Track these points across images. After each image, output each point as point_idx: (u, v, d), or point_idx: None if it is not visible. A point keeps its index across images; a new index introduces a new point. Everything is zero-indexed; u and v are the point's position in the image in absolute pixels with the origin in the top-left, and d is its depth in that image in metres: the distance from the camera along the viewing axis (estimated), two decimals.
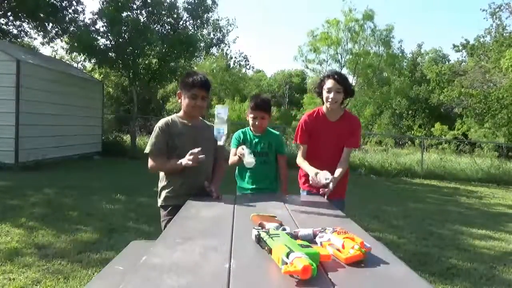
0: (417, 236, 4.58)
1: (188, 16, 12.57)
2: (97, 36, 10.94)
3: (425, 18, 69.43)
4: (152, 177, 2.34)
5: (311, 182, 2.18)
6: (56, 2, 13.57)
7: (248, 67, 22.33)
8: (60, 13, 13.68)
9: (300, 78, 38.21)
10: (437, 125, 23.96)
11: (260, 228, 1.42)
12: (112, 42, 11.08)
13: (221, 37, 16.07)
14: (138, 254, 1.31)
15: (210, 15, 13.42)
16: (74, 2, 13.95)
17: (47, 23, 14.36)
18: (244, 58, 20.89)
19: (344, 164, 2.40)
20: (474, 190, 9.24)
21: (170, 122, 2.22)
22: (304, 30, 41.71)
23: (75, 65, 18.70)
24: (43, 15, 13.47)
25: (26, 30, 15.35)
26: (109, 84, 19.16)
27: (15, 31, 15.01)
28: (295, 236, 1.31)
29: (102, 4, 11.04)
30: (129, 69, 11.39)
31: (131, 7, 11.17)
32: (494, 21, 15.56)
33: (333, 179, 2.11)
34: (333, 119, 2.46)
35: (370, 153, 13.17)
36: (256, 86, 31.95)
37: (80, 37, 10.38)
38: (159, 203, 2.26)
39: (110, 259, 2.33)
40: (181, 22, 12.45)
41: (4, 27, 14.42)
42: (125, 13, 10.97)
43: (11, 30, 14.86)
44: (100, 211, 4.78)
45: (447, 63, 26.66)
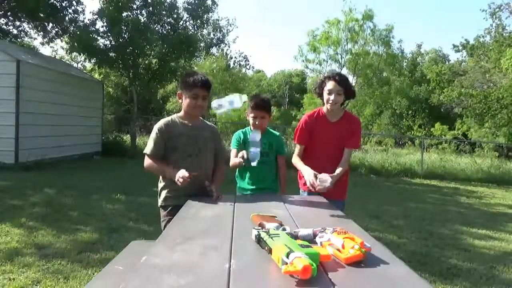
0: (417, 236, 4.58)
1: (188, 16, 12.58)
2: (97, 36, 10.95)
3: (425, 18, 69.48)
4: (152, 177, 2.34)
5: (310, 186, 2.09)
6: (56, 2, 13.59)
7: (248, 67, 22.41)
8: (60, 13, 13.70)
9: (300, 78, 38.19)
10: (437, 125, 23.94)
11: (260, 228, 1.43)
12: (112, 42, 11.09)
13: (221, 37, 16.13)
14: (138, 254, 1.31)
15: (210, 15, 13.47)
16: (74, 2, 13.97)
17: (47, 23, 14.38)
18: (244, 58, 20.96)
19: (345, 164, 2.39)
20: (474, 190, 9.24)
21: (170, 122, 2.23)
22: (304, 30, 41.70)
23: (75, 65, 18.69)
24: (43, 15, 13.48)
25: (26, 30, 15.39)
26: (109, 84, 19.14)
27: (15, 31, 15.03)
28: (295, 236, 1.31)
29: (102, 4, 11.05)
30: (129, 69, 11.40)
31: (131, 7, 11.18)
32: (494, 21, 15.58)
33: (333, 177, 2.10)
34: (333, 120, 2.46)
35: (370, 153, 13.17)
36: (256, 86, 31.92)
37: (80, 37, 10.39)
38: (159, 203, 2.26)
39: (110, 259, 2.33)
40: (181, 22, 12.46)
41: (4, 27, 14.43)
42: (125, 13, 10.98)
43: (11, 30, 14.87)
44: (100, 211, 4.78)
45: (447, 63, 26.68)
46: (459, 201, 7.61)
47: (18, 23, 14.74)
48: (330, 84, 2.35)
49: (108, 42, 11.25)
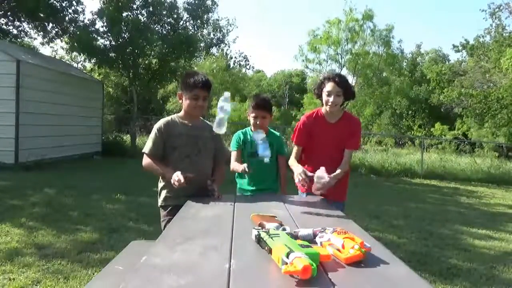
0: (417, 236, 4.58)
1: (188, 16, 12.59)
2: (97, 36, 10.95)
3: (425, 18, 69.46)
4: (152, 177, 2.34)
5: (299, 183, 2.09)
6: (56, 2, 13.59)
7: (248, 67, 22.40)
8: (60, 13, 13.69)
9: (300, 78, 38.15)
10: (437, 125, 23.94)
11: (260, 228, 1.43)
12: (112, 42, 11.09)
13: (221, 37, 16.12)
14: (138, 254, 1.31)
15: (210, 15, 13.47)
16: (74, 2, 13.97)
17: (47, 23, 14.38)
18: (244, 58, 20.95)
19: (345, 165, 2.37)
20: (474, 190, 9.24)
21: (169, 122, 2.23)
22: (304, 30, 41.73)
23: (75, 65, 18.70)
24: (43, 15, 13.48)
25: (26, 30, 15.38)
26: (109, 84, 19.14)
27: (15, 31, 15.02)
28: (295, 236, 1.31)
29: (102, 4, 11.06)
30: (129, 69, 11.40)
31: (131, 7, 11.18)
32: (493, 21, 15.56)
33: (332, 176, 2.09)
34: (332, 121, 2.43)
35: (370, 153, 13.16)
36: (256, 86, 31.92)
37: (80, 37, 10.40)
38: (159, 203, 2.26)
39: (110, 259, 2.33)
40: (181, 22, 12.47)
41: (4, 27, 14.42)
42: (125, 13, 10.98)
43: (11, 30, 14.87)
44: (100, 211, 4.78)
45: (447, 63, 26.66)
46: (459, 201, 7.61)
47: (18, 23, 14.74)
48: (329, 86, 2.32)
49: (108, 42, 11.26)
